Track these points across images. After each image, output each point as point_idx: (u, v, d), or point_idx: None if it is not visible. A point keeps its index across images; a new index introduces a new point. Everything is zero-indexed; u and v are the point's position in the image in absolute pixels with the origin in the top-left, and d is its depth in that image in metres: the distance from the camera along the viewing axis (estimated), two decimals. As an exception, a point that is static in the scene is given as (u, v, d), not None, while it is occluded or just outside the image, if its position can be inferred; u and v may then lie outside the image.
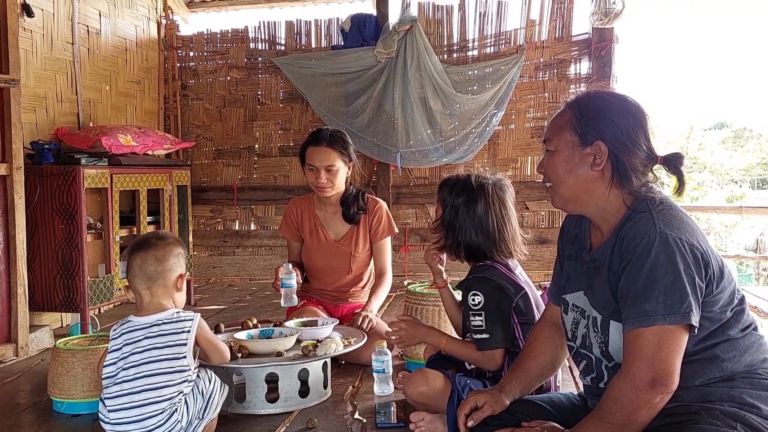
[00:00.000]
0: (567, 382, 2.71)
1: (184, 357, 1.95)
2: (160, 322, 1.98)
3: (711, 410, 1.44)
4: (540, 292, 3.21)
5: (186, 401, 1.94)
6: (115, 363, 1.95)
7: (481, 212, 2.09)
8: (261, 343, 2.45)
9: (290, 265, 2.83)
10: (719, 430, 1.37)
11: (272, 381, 2.40)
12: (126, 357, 1.94)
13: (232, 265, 5.50)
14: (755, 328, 1.56)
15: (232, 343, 2.46)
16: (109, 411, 1.90)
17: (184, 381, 1.94)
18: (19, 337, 3.26)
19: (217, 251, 5.53)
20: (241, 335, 2.53)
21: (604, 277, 1.57)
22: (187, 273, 2.15)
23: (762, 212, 6.63)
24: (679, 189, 1.57)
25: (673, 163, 1.56)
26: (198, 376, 2.00)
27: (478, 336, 2.05)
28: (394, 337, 2.33)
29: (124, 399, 1.89)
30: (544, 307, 2.13)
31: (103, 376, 1.96)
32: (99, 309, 4.03)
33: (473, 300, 2.04)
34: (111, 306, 4.32)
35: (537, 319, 2.04)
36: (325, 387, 2.53)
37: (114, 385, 1.92)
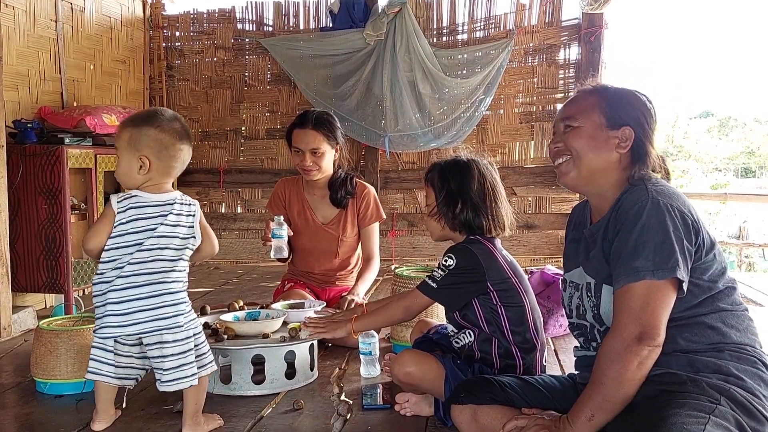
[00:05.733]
0: (552, 365, 2.73)
1: (193, 236, 1.97)
2: (173, 201, 1.95)
3: (697, 382, 1.47)
4: (527, 276, 3.23)
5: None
6: (126, 247, 1.89)
7: (476, 187, 2.10)
8: (247, 325, 2.44)
9: (281, 218, 2.84)
10: (704, 405, 1.39)
11: (258, 363, 2.39)
12: (140, 242, 1.90)
13: (219, 248, 5.46)
14: (746, 310, 1.61)
15: (218, 325, 2.45)
16: (115, 304, 1.88)
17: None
18: (2, 317, 3.22)
19: (203, 234, 5.48)
20: (228, 317, 2.52)
21: (599, 246, 1.65)
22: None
23: (745, 199, 6.70)
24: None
25: (661, 160, 1.71)
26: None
27: (428, 281, 2.07)
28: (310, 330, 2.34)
29: (133, 291, 1.88)
30: (531, 290, 2.14)
31: (104, 259, 1.91)
32: (83, 291, 3.99)
33: (446, 261, 2.05)
34: (95, 288, 4.28)
35: (524, 303, 2.05)
36: (312, 369, 2.53)
37: (120, 278, 1.88)
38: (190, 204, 2.01)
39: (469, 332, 2.08)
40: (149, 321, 1.88)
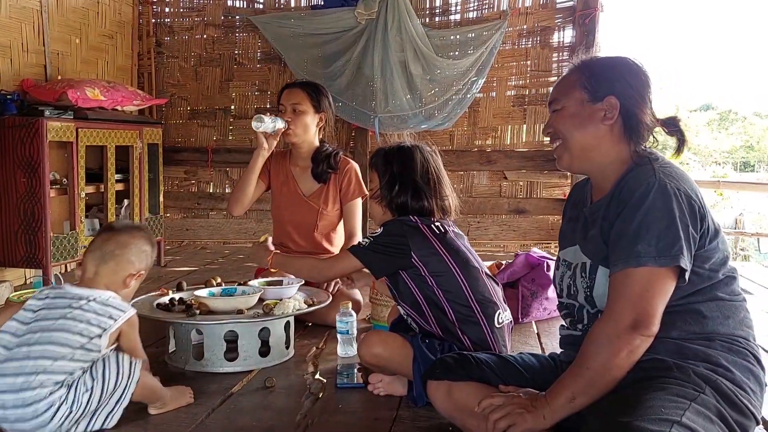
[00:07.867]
0: (534, 347, 2.68)
1: (99, 336, 1.76)
2: (92, 298, 1.80)
3: (684, 369, 1.42)
4: (504, 262, 3.19)
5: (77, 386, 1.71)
6: (16, 334, 1.74)
7: (420, 171, 2.13)
8: (221, 301, 2.38)
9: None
10: (687, 392, 1.35)
11: (232, 340, 2.34)
12: (35, 331, 1.73)
13: (206, 228, 5.41)
14: (744, 300, 1.55)
15: (192, 301, 2.40)
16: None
17: (86, 361, 1.74)
18: (-22, 291, 3.18)
19: (190, 213, 5.43)
20: (202, 293, 2.47)
21: (598, 226, 1.58)
22: (144, 274, 1.97)
23: (739, 187, 6.66)
24: (679, 149, 1.62)
25: (673, 122, 1.61)
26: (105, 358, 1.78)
27: (357, 245, 2.13)
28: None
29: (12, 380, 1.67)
30: (475, 266, 2.09)
31: None
32: (65, 266, 3.94)
33: (374, 232, 2.12)
34: (75, 264, 4.22)
35: (458, 279, 2.01)
36: (288, 347, 2.48)
37: (8, 361, 1.70)
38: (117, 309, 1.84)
39: (408, 308, 2.10)
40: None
